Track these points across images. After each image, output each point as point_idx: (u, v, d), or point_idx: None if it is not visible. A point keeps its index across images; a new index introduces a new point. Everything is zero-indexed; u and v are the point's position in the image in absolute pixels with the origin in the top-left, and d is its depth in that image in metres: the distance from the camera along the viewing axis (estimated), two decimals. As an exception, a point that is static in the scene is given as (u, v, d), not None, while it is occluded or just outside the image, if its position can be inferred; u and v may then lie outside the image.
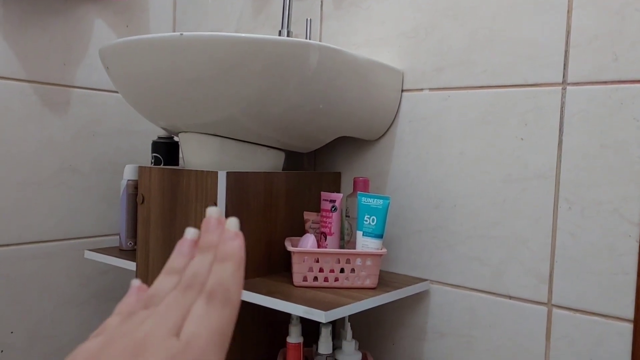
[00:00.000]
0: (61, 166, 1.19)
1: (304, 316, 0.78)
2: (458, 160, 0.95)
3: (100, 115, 1.25)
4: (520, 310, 0.89)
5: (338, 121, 0.95)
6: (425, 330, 0.99)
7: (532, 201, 0.87)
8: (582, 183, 0.83)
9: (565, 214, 0.84)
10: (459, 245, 0.95)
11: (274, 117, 0.88)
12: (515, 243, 0.89)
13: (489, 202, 0.92)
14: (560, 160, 0.85)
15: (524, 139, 0.88)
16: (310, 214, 0.97)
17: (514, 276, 0.89)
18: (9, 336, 1.13)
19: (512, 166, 0.89)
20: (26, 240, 1.15)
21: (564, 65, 0.85)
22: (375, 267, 0.89)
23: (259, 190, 0.93)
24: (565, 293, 0.84)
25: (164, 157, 1.11)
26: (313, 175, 1.03)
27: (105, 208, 1.27)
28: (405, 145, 1.02)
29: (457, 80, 0.95)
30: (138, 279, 0.36)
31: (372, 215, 0.90)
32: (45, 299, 1.18)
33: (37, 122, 1.15)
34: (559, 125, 0.85)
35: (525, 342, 0.88)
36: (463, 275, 0.95)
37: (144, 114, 0.96)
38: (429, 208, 0.99)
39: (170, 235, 0.93)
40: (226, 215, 0.87)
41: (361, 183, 0.96)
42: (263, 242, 0.94)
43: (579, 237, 0.83)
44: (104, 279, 1.28)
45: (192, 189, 0.90)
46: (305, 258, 0.88)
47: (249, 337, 0.93)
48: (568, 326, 0.84)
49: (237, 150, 0.94)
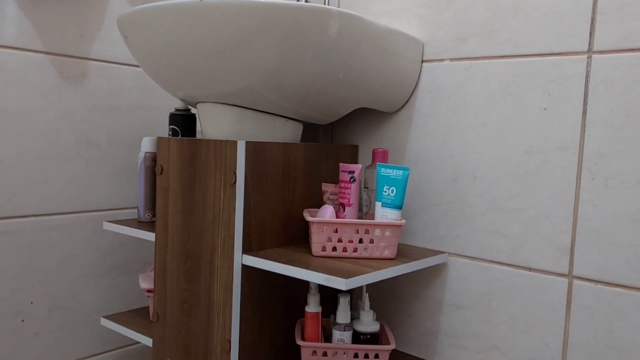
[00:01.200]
0: (78, 139, 1.20)
1: (324, 284, 0.78)
2: (479, 132, 0.94)
3: (117, 88, 1.25)
4: (540, 282, 0.88)
5: (357, 92, 0.94)
6: (442, 302, 0.99)
7: (554, 173, 0.86)
8: (606, 154, 0.82)
9: (587, 185, 0.83)
10: (478, 218, 0.94)
11: (293, 87, 0.87)
12: (536, 215, 0.88)
13: (509, 174, 0.91)
14: (584, 131, 0.84)
15: (547, 109, 0.87)
16: (328, 186, 0.97)
17: (534, 248, 0.89)
18: (29, 306, 1.15)
19: (534, 137, 0.88)
20: (45, 212, 1.16)
21: (589, 33, 0.83)
22: (394, 238, 0.89)
23: (277, 160, 0.92)
24: (587, 264, 0.84)
25: (182, 130, 1.11)
26: (331, 148, 1.03)
27: (122, 181, 1.28)
28: (425, 117, 1.01)
29: (479, 50, 0.93)
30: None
31: (391, 186, 0.89)
32: (64, 271, 1.19)
33: (54, 94, 1.15)
34: (583, 95, 0.84)
35: (545, 313, 0.88)
36: (482, 248, 0.94)
37: (161, 84, 0.96)
38: (448, 181, 0.98)
39: (189, 205, 0.93)
40: (246, 186, 0.87)
41: (380, 154, 0.95)
42: (281, 213, 0.94)
43: (601, 209, 0.82)
44: (122, 251, 1.29)
45: (211, 158, 0.90)
46: (324, 228, 0.88)
47: (267, 307, 0.94)
48: (589, 298, 0.83)
49: (255, 120, 0.94)
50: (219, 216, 0.89)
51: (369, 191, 0.97)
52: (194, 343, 0.94)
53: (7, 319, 1.12)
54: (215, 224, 0.89)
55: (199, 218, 0.92)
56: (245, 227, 0.88)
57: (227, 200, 0.88)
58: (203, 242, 0.92)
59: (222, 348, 0.89)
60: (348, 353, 0.90)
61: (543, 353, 0.88)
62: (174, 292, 0.97)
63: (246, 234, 0.88)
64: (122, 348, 1.32)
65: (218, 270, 0.90)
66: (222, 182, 0.88)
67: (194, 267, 0.93)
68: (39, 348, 1.17)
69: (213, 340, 0.91)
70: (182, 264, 0.95)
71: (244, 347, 0.90)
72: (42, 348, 1.17)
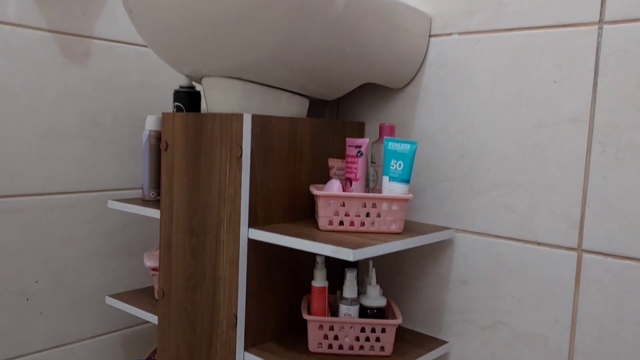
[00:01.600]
0: (83, 118, 1.19)
1: (331, 255, 0.77)
2: (487, 106, 0.93)
3: (121, 67, 1.24)
4: (549, 256, 0.87)
5: (363, 66, 0.93)
6: (449, 279, 0.99)
7: (564, 145, 0.85)
8: (617, 125, 0.81)
9: (598, 157, 0.82)
10: (486, 193, 0.94)
11: (299, 61, 0.86)
12: (545, 189, 0.87)
13: (518, 148, 0.90)
14: (595, 103, 0.83)
15: (557, 82, 0.86)
16: (335, 161, 0.96)
17: (543, 222, 0.88)
18: (33, 285, 1.14)
19: (544, 110, 0.87)
20: (50, 191, 1.15)
21: (601, 3, 0.81)
22: (401, 212, 0.88)
23: (283, 135, 0.92)
24: (597, 238, 0.83)
25: (186, 107, 1.10)
26: (337, 124, 1.02)
27: (127, 162, 1.27)
28: (432, 92, 1.00)
29: (488, 23, 0.92)
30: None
31: (398, 160, 0.88)
32: (68, 250, 1.19)
33: (57, 72, 1.14)
34: (594, 67, 0.82)
35: (553, 288, 0.87)
36: (489, 223, 0.93)
37: (166, 59, 0.95)
38: (455, 157, 0.97)
39: (195, 180, 0.93)
40: (252, 160, 0.87)
41: (387, 129, 0.94)
42: (287, 188, 0.93)
43: (612, 181, 0.81)
44: (126, 232, 1.29)
45: (217, 133, 0.89)
46: (331, 202, 0.87)
47: (274, 282, 0.93)
48: (599, 271, 0.83)
49: (262, 95, 0.93)
50: (224, 191, 0.88)
51: (376, 166, 0.96)
52: (199, 319, 0.94)
53: (12, 298, 1.11)
54: (221, 199, 0.89)
55: (205, 193, 0.91)
56: (251, 201, 0.87)
57: (233, 175, 0.87)
58: (209, 217, 0.91)
59: (228, 323, 0.89)
60: (355, 327, 0.89)
61: (551, 328, 0.87)
62: (180, 269, 0.97)
63: (252, 209, 0.88)
64: (128, 329, 1.32)
65: (224, 245, 0.89)
66: (228, 157, 0.87)
67: (199, 243, 0.93)
68: (44, 327, 1.16)
69: (219, 315, 0.90)
70: (187, 240, 0.95)
71: (250, 322, 0.90)
72: (47, 327, 1.17)
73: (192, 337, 0.95)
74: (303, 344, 0.93)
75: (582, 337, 0.84)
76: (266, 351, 0.90)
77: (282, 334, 0.96)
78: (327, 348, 0.90)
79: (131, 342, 1.33)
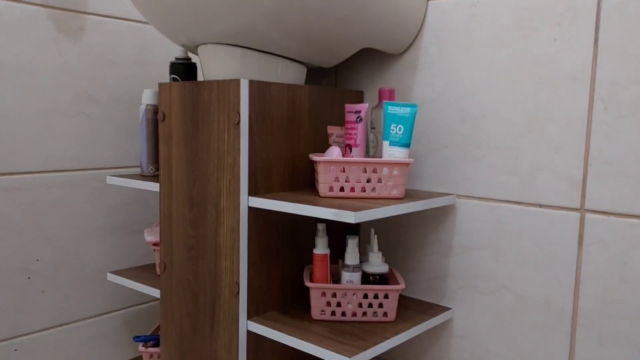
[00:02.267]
0: (79, 95, 1.18)
1: (332, 219, 0.76)
2: (487, 69, 0.92)
3: (115, 43, 1.23)
4: (551, 218, 0.87)
5: (361, 31, 0.92)
6: (451, 245, 0.98)
7: (566, 104, 0.84)
8: (619, 82, 0.80)
9: (600, 115, 0.82)
10: (487, 157, 0.93)
11: (295, 25, 0.85)
12: (546, 150, 0.87)
13: (519, 110, 0.89)
14: (596, 59, 0.81)
15: (557, 40, 0.85)
16: (334, 128, 0.95)
17: (544, 184, 0.87)
18: (35, 263, 1.14)
19: (544, 70, 0.86)
20: (48, 169, 1.15)
21: (601, -42, 0.80)
22: (402, 177, 0.87)
23: (282, 102, 0.91)
24: (599, 197, 0.82)
25: (182, 79, 1.09)
26: (336, 92, 1.01)
27: (124, 139, 1.26)
28: (431, 58, 0.98)
29: (486, -16, 0.91)
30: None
31: (399, 124, 0.87)
32: (69, 229, 1.19)
33: (52, 48, 1.13)
34: (594, 23, 0.81)
35: (556, 249, 0.86)
36: (490, 187, 0.93)
37: (161, 27, 0.94)
38: (455, 122, 0.96)
39: (193, 150, 0.92)
40: (250, 126, 0.86)
41: (387, 93, 0.93)
42: (287, 157, 0.92)
43: (614, 139, 0.80)
44: (126, 210, 1.28)
45: (214, 100, 0.88)
46: (331, 168, 0.86)
47: (275, 251, 0.93)
48: (602, 230, 0.82)
49: (259, 62, 0.92)
50: (223, 158, 0.87)
51: (375, 132, 0.95)
52: (201, 289, 0.93)
53: (14, 276, 1.11)
54: (220, 167, 0.88)
55: (203, 162, 0.90)
56: (250, 168, 0.87)
57: (232, 142, 0.86)
58: (208, 187, 0.90)
59: (230, 291, 0.89)
60: (357, 294, 0.89)
61: (555, 289, 0.87)
62: (180, 240, 0.96)
63: (252, 176, 0.87)
64: (130, 308, 1.32)
65: (224, 214, 0.88)
66: (226, 123, 0.87)
67: (199, 213, 0.92)
68: (46, 305, 1.16)
69: (221, 285, 0.90)
70: (187, 210, 0.94)
71: (253, 290, 0.89)
72: (49, 305, 1.17)
73: (195, 307, 0.95)
74: (306, 313, 0.92)
75: (586, 298, 0.84)
76: (269, 319, 0.90)
77: (285, 303, 0.96)
78: (330, 315, 0.90)
79: (133, 321, 1.33)
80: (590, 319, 0.84)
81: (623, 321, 0.81)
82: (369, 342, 0.82)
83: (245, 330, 0.89)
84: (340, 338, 0.83)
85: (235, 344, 0.88)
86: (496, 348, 0.94)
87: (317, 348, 0.81)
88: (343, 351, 0.79)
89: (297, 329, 0.86)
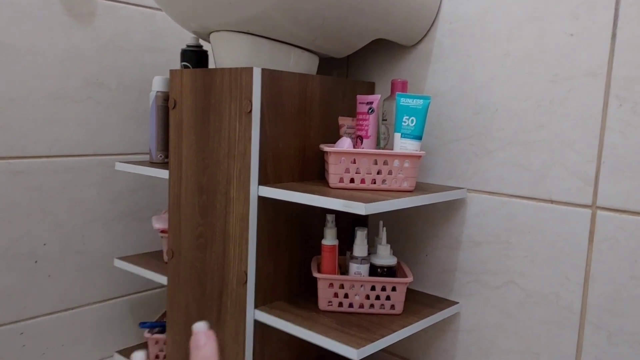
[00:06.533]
0: (88, 80, 1.17)
1: (342, 209, 0.76)
2: (502, 62, 0.91)
3: (126, 29, 1.22)
4: (563, 214, 0.86)
5: (374, 21, 0.91)
6: (461, 240, 0.98)
7: (581, 100, 0.83)
8: (635, 78, 0.79)
9: (615, 112, 0.81)
10: (499, 152, 0.92)
11: (308, 13, 0.84)
12: (559, 145, 0.86)
13: (533, 105, 0.88)
14: (613, 55, 0.80)
15: (573, 35, 0.84)
16: (345, 119, 0.94)
17: (557, 180, 0.86)
18: (42, 248, 1.14)
19: (560, 65, 0.85)
20: (56, 154, 1.14)
21: (622, -49, 0.79)
22: (413, 169, 0.87)
23: (293, 91, 0.90)
24: (612, 194, 0.81)
25: (194, 66, 1.08)
26: (347, 83, 1.00)
27: (133, 126, 1.26)
28: (445, 49, 0.97)
29: (503, -24, 0.90)
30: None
31: (411, 116, 0.87)
32: (76, 214, 1.19)
33: (62, 32, 1.12)
34: (613, 18, 0.80)
35: (567, 246, 0.86)
36: (502, 182, 0.92)
37: (174, 14, 0.93)
38: (468, 115, 0.95)
39: (204, 137, 0.91)
40: (261, 115, 0.85)
41: (400, 84, 0.92)
42: (297, 147, 0.92)
43: (629, 136, 0.80)
44: (134, 197, 1.28)
45: (226, 88, 0.87)
46: (341, 159, 0.86)
47: (283, 240, 0.92)
48: (613, 228, 0.82)
49: (271, 51, 0.91)
50: (234, 147, 0.87)
51: (387, 124, 0.94)
52: (209, 277, 0.93)
53: (21, 260, 1.11)
54: (231, 155, 0.88)
55: (214, 150, 0.90)
56: (261, 157, 0.86)
57: (243, 130, 0.86)
58: (218, 175, 0.90)
59: (238, 280, 0.89)
60: (365, 286, 0.89)
61: (564, 285, 0.86)
62: (189, 228, 0.96)
63: (262, 165, 0.87)
64: (136, 294, 1.32)
65: (234, 202, 0.88)
66: (238, 112, 0.86)
67: (209, 201, 0.92)
68: (53, 290, 1.17)
69: (229, 273, 0.90)
70: (196, 198, 0.94)
71: (261, 280, 0.89)
72: (56, 290, 1.17)
73: (202, 295, 0.95)
74: (313, 304, 0.92)
75: (595, 295, 0.84)
76: (276, 309, 0.89)
77: (292, 293, 0.96)
78: (337, 306, 0.90)
79: (139, 307, 1.33)
80: (599, 316, 0.83)
81: (633, 319, 0.81)
82: (376, 334, 0.82)
83: (252, 319, 0.89)
84: (348, 329, 0.83)
85: (242, 332, 0.89)
86: (503, 343, 0.94)
87: (324, 339, 0.80)
88: (350, 342, 0.79)
89: (305, 320, 0.86)
